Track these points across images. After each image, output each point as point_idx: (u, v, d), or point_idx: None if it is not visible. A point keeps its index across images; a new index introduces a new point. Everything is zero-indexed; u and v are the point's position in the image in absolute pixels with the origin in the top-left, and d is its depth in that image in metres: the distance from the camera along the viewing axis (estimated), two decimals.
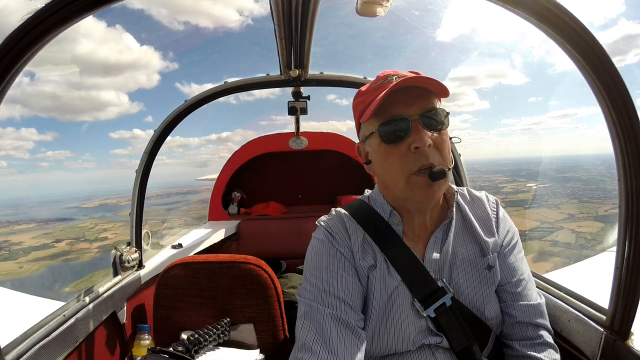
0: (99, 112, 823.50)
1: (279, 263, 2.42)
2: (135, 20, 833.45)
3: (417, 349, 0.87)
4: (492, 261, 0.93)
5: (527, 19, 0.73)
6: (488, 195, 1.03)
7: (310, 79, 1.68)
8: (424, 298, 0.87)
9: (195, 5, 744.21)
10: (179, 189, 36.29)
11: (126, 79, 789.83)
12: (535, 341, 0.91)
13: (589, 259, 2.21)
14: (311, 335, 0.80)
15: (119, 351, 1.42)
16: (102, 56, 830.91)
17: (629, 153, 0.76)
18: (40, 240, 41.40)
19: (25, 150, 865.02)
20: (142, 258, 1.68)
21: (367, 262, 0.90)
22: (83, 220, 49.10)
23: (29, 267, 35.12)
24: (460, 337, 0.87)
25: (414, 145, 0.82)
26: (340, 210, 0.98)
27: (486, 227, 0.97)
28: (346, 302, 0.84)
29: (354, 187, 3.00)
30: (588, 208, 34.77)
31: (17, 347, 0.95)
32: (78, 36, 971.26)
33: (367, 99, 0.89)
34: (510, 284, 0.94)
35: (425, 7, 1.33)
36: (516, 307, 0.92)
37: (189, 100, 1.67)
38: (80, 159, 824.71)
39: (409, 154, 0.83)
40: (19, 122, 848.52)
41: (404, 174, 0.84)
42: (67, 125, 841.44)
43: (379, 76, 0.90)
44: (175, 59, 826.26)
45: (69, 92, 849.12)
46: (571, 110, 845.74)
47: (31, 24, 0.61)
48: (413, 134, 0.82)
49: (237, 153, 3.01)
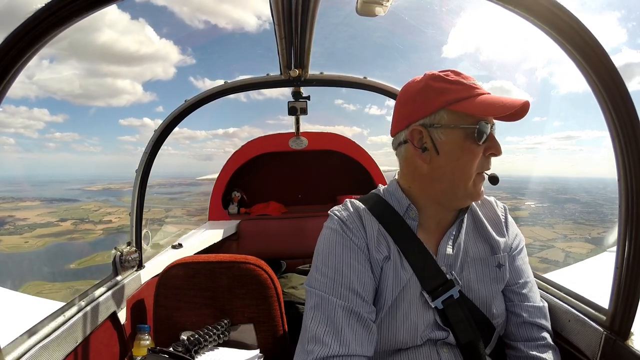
0: (112, 98, 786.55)
1: (279, 263, 2.42)
2: (158, 14, 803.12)
3: (423, 343, 0.88)
4: (503, 260, 0.95)
5: (527, 19, 0.73)
6: (497, 201, 1.06)
7: (311, 79, 1.67)
8: (433, 289, 0.88)
9: (216, 7, 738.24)
10: (182, 180, 36.77)
11: (143, 70, 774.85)
12: (538, 342, 0.93)
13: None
14: (322, 327, 0.80)
15: (119, 351, 1.42)
16: (123, 46, 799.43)
17: (629, 153, 0.76)
18: (44, 218, 42.29)
19: (35, 130, 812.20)
20: (142, 258, 1.67)
21: (381, 254, 0.89)
22: (87, 203, 49.89)
23: (34, 242, 35.95)
24: (466, 330, 0.87)
25: (492, 151, 0.88)
26: (354, 202, 0.98)
27: (497, 228, 0.99)
28: (359, 293, 0.84)
29: (354, 187, 3.00)
30: (582, 230, 36.30)
31: (17, 347, 0.95)
32: (102, 26, 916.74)
33: (464, 91, 0.85)
34: (517, 285, 0.97)
35: (425, 7, 1.33)
36: (523, 308, 0.95)
37: (190, 100, 1.66)
38: (87, 142, 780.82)
39: (481, 157, 0.87)
40: (33, 102, 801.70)
41: (471, 173, 0.87)
42: (79, 108, 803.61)
43: (456, 72, 0.88)
44: (192, 53, 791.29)
45: (86, 78, 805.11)
46: (574, 132, 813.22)
47: (31, 24, 0.61)
48: (492, 140, 0.88)
49: (237, 153, 3.01)
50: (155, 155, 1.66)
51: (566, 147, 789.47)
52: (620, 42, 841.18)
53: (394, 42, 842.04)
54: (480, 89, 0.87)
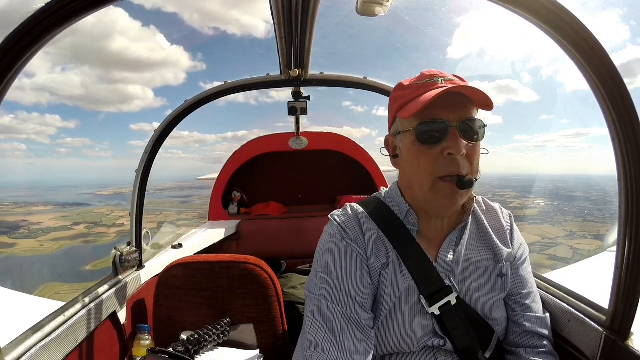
0: (123, 104, 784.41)
1: (279, 263, 2.42)
2: (169, 21, 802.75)
3: (420, 350, 0.88)
4: (505, 269, 0.94)
5: (527, 19, 0.73)
6: (502, 208, 1.04)
7: (311, 79, 1.67)
8: (430, 295, 0.88)
9: (225, 14, 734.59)
10: (192, 184, 37.34)
11: (154, 76, 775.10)
12: (540, 349, 0.93)
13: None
14: (321, 333, 0.80)
15: (119, 351, 1.41)
16: (134, 52, 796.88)
17: (629, 153, 0.76)
18: (58, 222, 42.87)
19: (47, 136, 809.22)
20: (142, 258, 1.67)
21: (379, 261, 0.89)
22: (99, 207, 50.63)
23: (50, 246, 36.49)
24: (463, 336, 0.87)
25: (448, 151, 0.82)
26: (354, 206, 0.98)
27: (500, 237, 0.98)
28: (357, 300, 0.84)
29: (354, 187, 3.00)
30: (590, 227, 36.20)
31: (17, 347, 0.95)
32: (114, 32, 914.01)
33: (410, 94, 0.87)
34: (520, 296, 0.96)
35: (426, 6, 1.34)
36: (526, 318, 0.95)
37: (190, 100, 1.66)
38: (98, 147, 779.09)
39: (440, 159, 0.83)
40: (45, 109, 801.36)
41: (432, 177, 0.84)
42: (91, 114, 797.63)
43: (424, 74, 0.89)
44: (202, 59, 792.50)
45: (97, 85, 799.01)
46: (583, 129, 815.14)
47: (31, 24, 0.61)
48: (449, 140, 0.82)
49: (237, 153, 3.01)
50: (155, 155, 1.66)
51: (576, 145, 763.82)
52: (624, 39, 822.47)
53: (394, 42, 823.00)
54: (430, 87, 0.84)
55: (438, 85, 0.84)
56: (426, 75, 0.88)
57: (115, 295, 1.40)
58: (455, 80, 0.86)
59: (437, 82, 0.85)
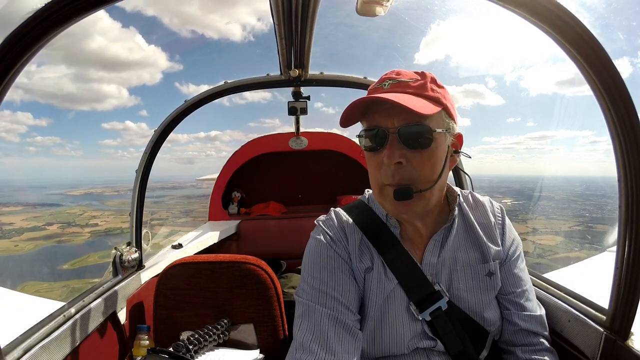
0: (97, 103, 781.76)
1: (279, 263, 2.42)
2: (148, 22, 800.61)
3: (411, 352, 0.87)
4: (493, 268, 0.93)
5: (527, 19, 0.73)
6: (492, 202, 1.01)
7: (311, 79, 1.67)
8: (420, 301, 0.87)
9: (204, 18, 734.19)
10: (164, 184, 37.33)
11: (130, 75, 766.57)
12: (536, 347, 0.92)
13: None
14: (309, 335, 0.80)
15: (119, 351, 1.41)
16: (113, 52, 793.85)
17: (629, 153, 0.76)
18: (31, 222, 43.15)
19: (17, 134, 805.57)
20: (142, 258, 1.67)
21: (363, 265, 0.90)
22: (71, 207, 51.15)
23: (24, 246, 36.58)
24: (455, 341, 0.86)
25: (384, 159, 0.81)
26: (338, 211, 0.98)
27: (488, 234, 0.95)
28: (343, 302, 0.85)
29: (354, 187, 3.00)
30: (553, 224, 39.67)
31: (17, 347, 0.95)
32: (93, 33, 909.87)
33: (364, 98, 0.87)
34: (514, 294, 0.94)
35: (426, 6, 1.33)
36: (520, 317, 0.93)
37: (189, 101, 1.66)
38: (68, 146, 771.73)
39: (382, 166, 0.82)
40: (17, 106, 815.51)
41: (378, 183, 0.85)
42: (64, 112, 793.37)
43: (382, 77, 0.89)
44: (179, 60, 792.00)
45: (74, 83, 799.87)
46: (549, 132, 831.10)
47: (31, 24, 0.61)
48: (387, 148, 0.80)
49: (237, 153, 3.01)
50: (155, 155, 1.66)
51: (542, 147, 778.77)
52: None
53: (394, 42, 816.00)
54: (377, 92, 0.83)
55: (382, 90, 0.84)
56: (382, 78, 0.89)
57: (115, 296, 1.40)
58: (408, 81, 0.84)
59: (383, 86, 0.84)
